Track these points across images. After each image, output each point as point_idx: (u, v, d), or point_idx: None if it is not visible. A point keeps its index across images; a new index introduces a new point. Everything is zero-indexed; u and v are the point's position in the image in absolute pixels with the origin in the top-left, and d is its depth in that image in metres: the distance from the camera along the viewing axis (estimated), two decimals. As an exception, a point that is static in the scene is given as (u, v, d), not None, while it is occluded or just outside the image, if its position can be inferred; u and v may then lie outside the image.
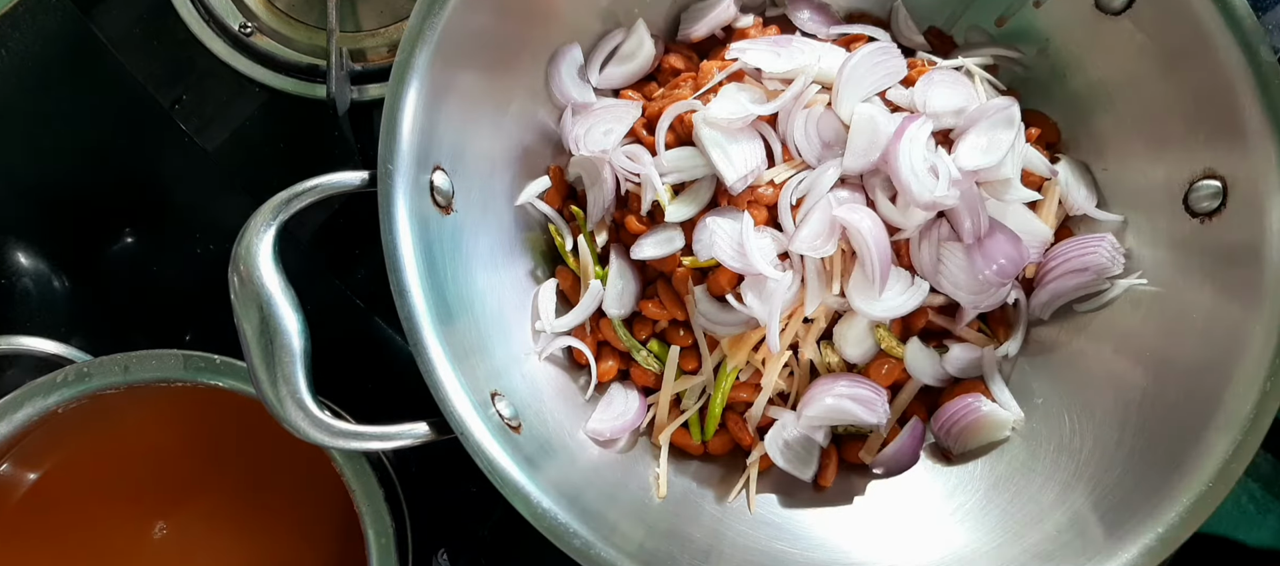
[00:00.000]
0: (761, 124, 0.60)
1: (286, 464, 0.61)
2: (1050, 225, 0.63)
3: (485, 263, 0.60)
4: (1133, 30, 0.60)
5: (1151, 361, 0.58)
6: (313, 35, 0.77)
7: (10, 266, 0.74)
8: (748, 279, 0.58)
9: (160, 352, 0.59)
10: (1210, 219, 0.57)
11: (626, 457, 0.61)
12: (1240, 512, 0.69)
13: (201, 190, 0.76)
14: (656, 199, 0.60)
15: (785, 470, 0.60)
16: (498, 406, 0.53)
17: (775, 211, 0.59)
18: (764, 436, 0.60)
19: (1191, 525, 0.51)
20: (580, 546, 0.50)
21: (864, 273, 0.58)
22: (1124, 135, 0.62)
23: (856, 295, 0.58)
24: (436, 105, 0.55)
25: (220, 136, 0.77)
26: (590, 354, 0.62)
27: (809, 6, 0.68)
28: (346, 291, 0.73)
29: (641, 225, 0.61)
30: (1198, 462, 0.52)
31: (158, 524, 0.61)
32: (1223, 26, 0.55)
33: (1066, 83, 0.65)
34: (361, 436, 0.50)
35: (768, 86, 0.62)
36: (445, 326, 0.52)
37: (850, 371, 0.61)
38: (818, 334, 0.61)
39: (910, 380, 0.62)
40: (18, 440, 0.59)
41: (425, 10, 0.54)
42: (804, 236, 0.58)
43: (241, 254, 0.49)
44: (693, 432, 0.62)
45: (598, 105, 0.64)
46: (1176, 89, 0.58)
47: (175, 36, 0.78)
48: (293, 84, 0.77)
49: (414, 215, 0.53)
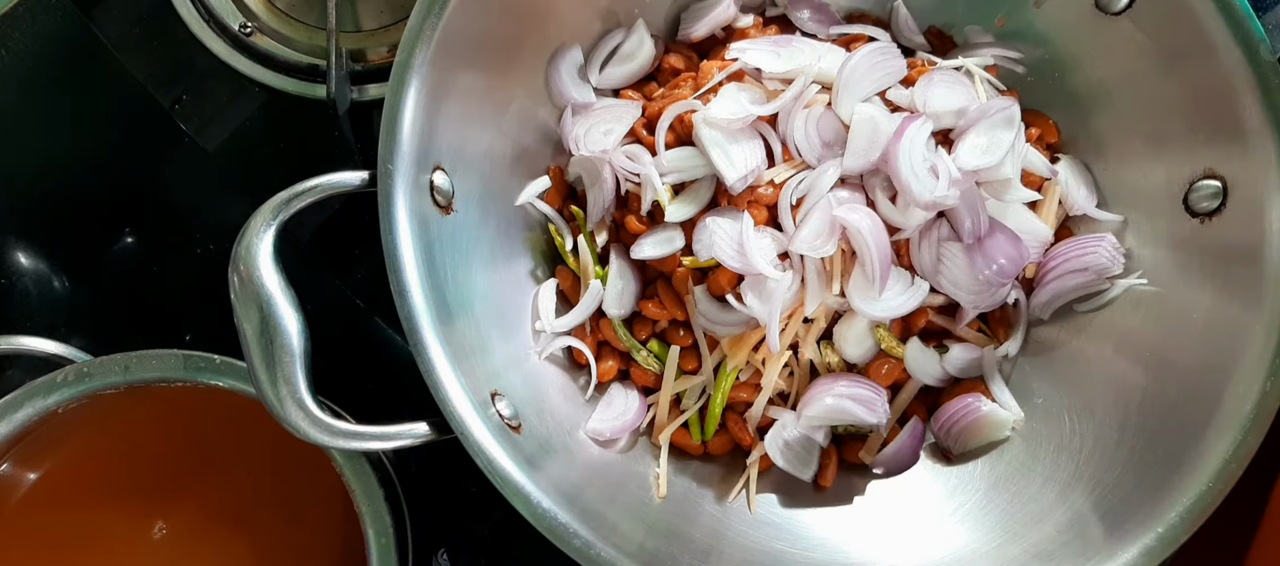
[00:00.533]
0: (761, 124, 0.60)
1: (286, 464, 0.61)
2: (1050, 225, 0.63)
3: (485, 263, 0.60)
4: (1133, 30, 0.60)
5: (1151, 361, 0.58)
6: (313, 35, 0.77)
7: (10, 266, 0.74)
8: (748, 279, 0.58)
9: (160, 352, 0.59)
10: (1210, 219, 0.57)
11: (626, 457, 0.61)
12: (1240, 512, 0.69)
13: (201, 190, 0.76)
14: (656, 199, 0.60)
15: (785, 470, 0.60)
16: (498, 406, 0.53)
17: (775, 211, 0.59)
18: (764, 436, 0.60)
19: (1191, 525, 0.51)
20: (580, 546, 0.50)
21: (864, 273, 0.58)
22: (1124, 135, 0.62)
23: (856, 295, 0.58)
24: (436, 105, 0.55)
25: (220, 136, 0.77)
26: (590, 354, 0.62)
27: (809, 6, 0.68)
28: (346, 291, 0.73)
29: (641, 225, 0.61)
30: (1198, 462, 0.52)
31: (157, 524, 0.61)
32: (1223, 26, 0.55)
33: (1066, 83, 0.65)
34: (361, 436, 0.50)
35: (768, 86, 0.62)
36: (445, 326, 0.52)
37: (850, 371, 0.61)
38: (818, 334, 0.61)
39: (910, 380, 0.62)
40: (18, 440, 0.58)
41: (425, 10, 0.54)
42: (804, 236, 0.58)
43: (241, 254, 0.49)
44: (693, 432, 0.62)
45: (598, 105, 0.64)
46: (1176, 89, 0.58)
47: (175, 36, 0.78)
48: (293, 84, 0.77)
49: (414, 215, 0.53)
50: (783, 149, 0.61)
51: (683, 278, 0.60)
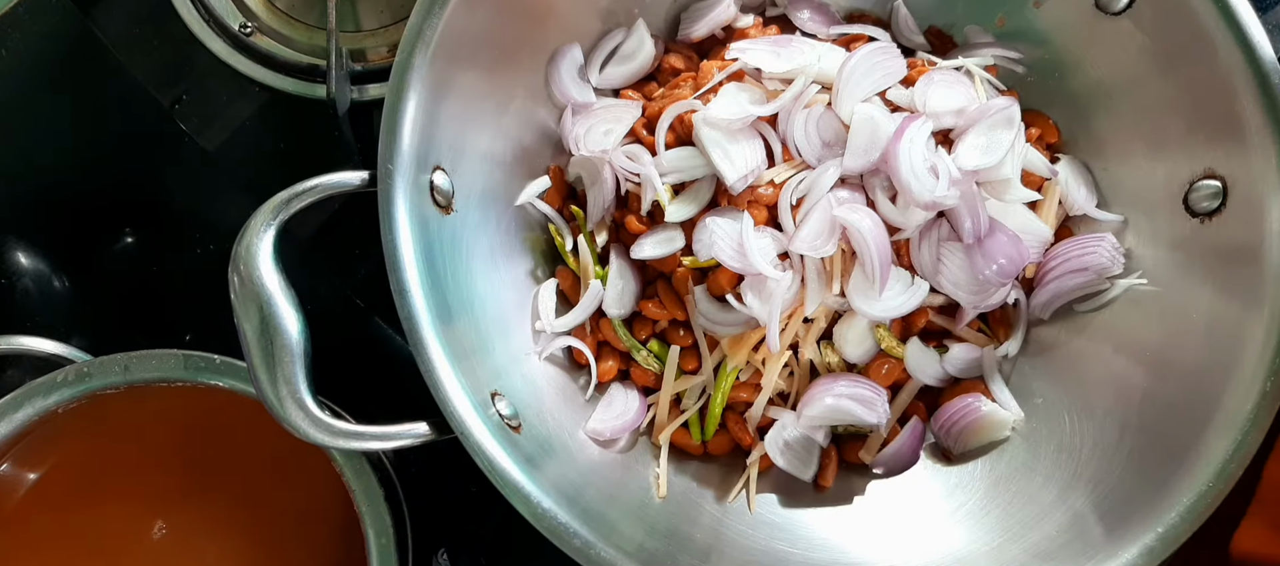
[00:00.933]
0: (761, 124, 0.60)
1: (286, 464, 0.61)
2: (1050, 225, 0.63)
3: (485, 262, 0.60)
4: (1133, 30, 0.60)
5: (1151, 361, 0.58)
6: (313, 35, 0.77)
7: (10, 266, 0.74)
8: (748, 279, 0.58)
9: (160, 352, 0.59)
10: (1210, 219, 0.57)
11: (626, 457, 0.61)
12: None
13: (201, 190, 0.76)
14: (656, 199, 0.60)
15: (785, 470, 0.60)
16: (498, 406, 0.53)
17: (775, 211, 0.59)
18: (764, 436, 0.60)
19: (1191, 525, 0.51)
20: (580, 546, 0.50)
21: (864, 272, 0.58)
22: (1124, 135, 0.62)
23: (856, 295, 0.58)
24: (436, 105, 0.55)
25: (220, 136, 0.77)
26: (590, 354, 0.62)
27: (809, 6, 0.68)
28: (346, 291, 0.73)
29: (641, 225, 0.61)
30: (1198, 462, 0.52)
31: (158, 523, 0.61)
32: (1223, 26, 0.55)
33: (1066, 83, 0.65)
34: (361, 436, 0.50)
35: (768, 86, 0.62)
36: (445, 326, 0.52)
37: (850, 371, 0.61)
38: (818, 333, 0.61)
39: (910, 380, 0.62)
40: (18, 440, 0.59)
41: (425, 10, 0.54)
42: (804, 236, 0.58)
43: (241, 254, 0.49)
44: (693, 432, 0.62)
45: (598, 105, 0.64)
46: (1177, 89, 0.58)
47: (175, 36, 0.78)
48: (293, 84, 0.77)
49: (414, 215, 0.53)
50: (783, 149, 0.61)
51: (683, 278, 0.60)
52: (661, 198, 0.60)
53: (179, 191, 0.77)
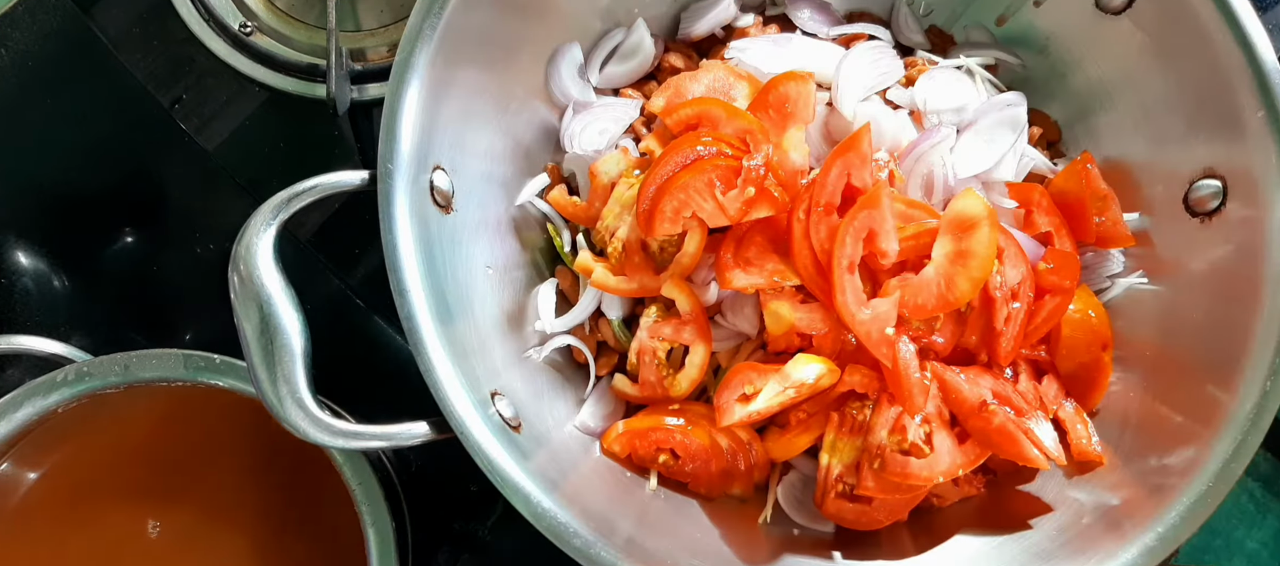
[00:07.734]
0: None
1: (286, 464, 0.61)
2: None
3: (485, 262, 0.60)
4: (1133, 29, 0.60)
5: (1151, 360, 0.58)
6: (313, 35, 0.77)
7: (10, 266, 0.74)
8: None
9: (160, 352, 0.59)
10: (1210, 219, 0.57)
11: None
12: (1240, 512, 0.69)
13: (201, 190, 0.76)
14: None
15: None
16: (497, 406, 0.53)
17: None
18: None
19: (1191, 525, 0.51)
20: (580, 545, 0.50)
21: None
22: (1124, 134, 0.62)
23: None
24: (436, 104, 0.55)
25: (220, 136, 0.77)
26: (589, 353, 0.62)
27: (809, 5, 0.68)
28: (346, 291, 0.73)
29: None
30: (1198, 463, 0.52)
31: (157, 523, 0.61)
32: (1223, 26, 0.55)
33: (1067, 82, 0.65)
34: (361, 436, 0.50)
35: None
36: (445, 326, 0.52)
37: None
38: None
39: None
40: (18, 440, 0.59)
41: (425, 9, 0.54)
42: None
43: (241, 254, 0.49)
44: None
45: (597, 103, 0.64)
46: (1176, 88, 0.58)
47: (175, 36, 0.78)
48: (293, 83, 0.77)
49: (414, 215, 0.53)
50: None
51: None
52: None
53: (179, 191, 0.77)
